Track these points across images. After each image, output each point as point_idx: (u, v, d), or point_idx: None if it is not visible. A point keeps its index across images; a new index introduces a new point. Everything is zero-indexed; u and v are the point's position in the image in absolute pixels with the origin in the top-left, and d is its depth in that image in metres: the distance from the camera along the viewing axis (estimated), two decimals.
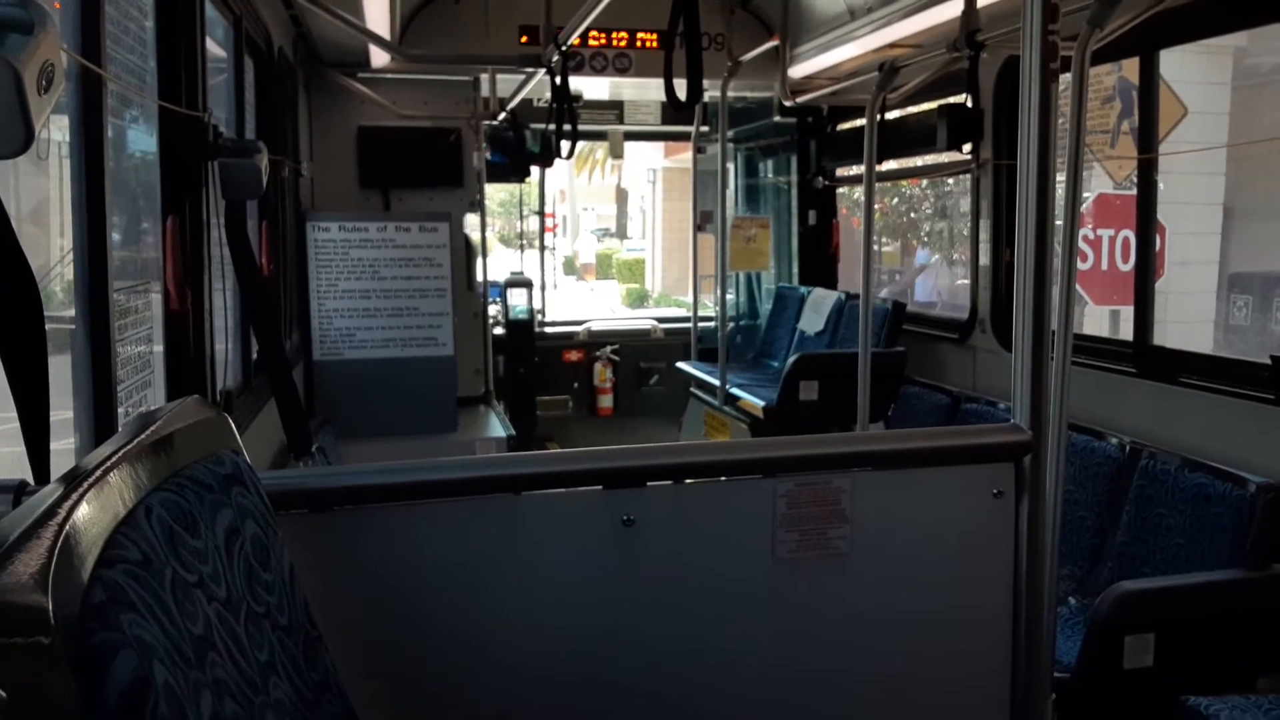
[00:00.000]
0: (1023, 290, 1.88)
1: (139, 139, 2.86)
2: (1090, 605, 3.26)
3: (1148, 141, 4.35)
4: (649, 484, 1.86)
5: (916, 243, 14.72)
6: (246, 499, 1.34)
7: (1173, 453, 3.68)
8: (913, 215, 14.74)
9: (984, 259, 5.38)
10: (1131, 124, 8.24)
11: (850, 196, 8.46)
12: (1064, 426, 2.94)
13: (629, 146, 8.59)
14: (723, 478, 1.92)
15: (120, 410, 2.15)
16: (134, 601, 0.93)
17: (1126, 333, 4.44)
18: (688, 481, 1.89)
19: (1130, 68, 8.03)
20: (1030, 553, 1.91)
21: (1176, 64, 8.20)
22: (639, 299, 21.89)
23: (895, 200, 14.40)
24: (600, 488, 1.84)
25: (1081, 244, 7.93)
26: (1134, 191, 4.51)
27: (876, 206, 5.06)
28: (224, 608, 1.14)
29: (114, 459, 1.06)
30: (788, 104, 6.30)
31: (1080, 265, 7.85)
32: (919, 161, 6.62)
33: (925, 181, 12.42)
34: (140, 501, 1.06)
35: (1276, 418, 3.45)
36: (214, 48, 3.33)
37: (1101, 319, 9.00)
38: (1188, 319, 8.97)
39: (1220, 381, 3.77)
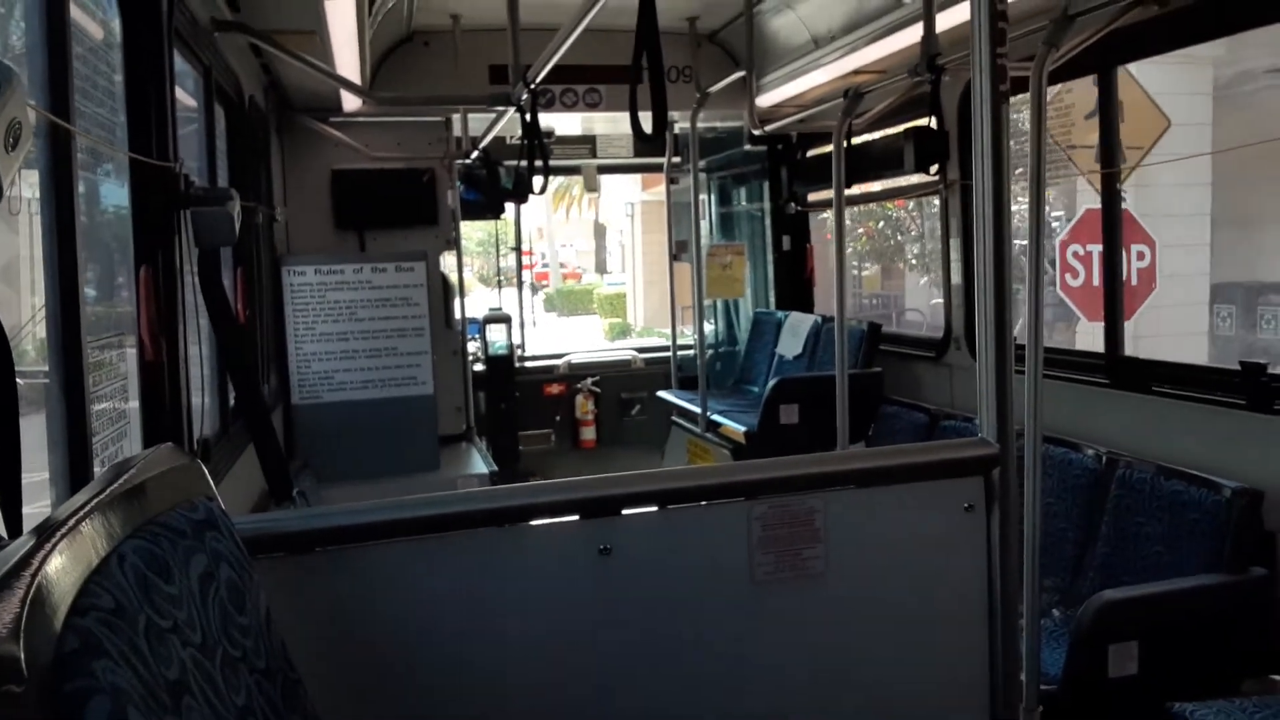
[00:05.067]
0: (984, 307, 1.92)
1: (111, 192, 2.88)
2: (1074, 616, 3.28)
3: (1110, 157, 4.43)
4: (624, 512, 1.87)
5: (903, 265, 14.72)
6: (220, 544, 1.34)
7: (1149, 461, 3.72)
8: (899, 238, 14.76)
9: (955, 277, 5.45)
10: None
11: (828, 223, 8.54)
12: (1039, 439, 2.98)
13: (606, 181, 8.64)
14: (698, 503, 1.93)
15: (96, 462, 2.15)
16: (107, 649, 0.94)
17: (1122, 350, 4.43)
18: (663, 508, 1.91)
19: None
20: (1002, 564, 1.94)
21: (1158, 76, 8.15)
22: (621, 333, 21.90)
23: (881, 224, 14.39)
24: (577, 518, 1.86)
25: (1072, 260, 7.80)
26: (1122, 206, 4.57)
27: (860, 230, 5.11)
28: (199, 652, 1.14)
29: (86, 509, 1.07)
30: (757, 133, 6.38)
31: (1071, 281, 7.74)
32: (889, 184, 6.71)
33: (912, 203, 12.47)
34: (113, 550, 1.07)
35: (1248, 422, 3.50)
36: (184, 97, 3.36)
37: (1095, 336, 8.93)
38: (1181, 331, 8.90)
39: (1192, 389, 3.82)
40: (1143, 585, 3.43)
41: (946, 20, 4.13)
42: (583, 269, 31.02)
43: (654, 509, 1.90)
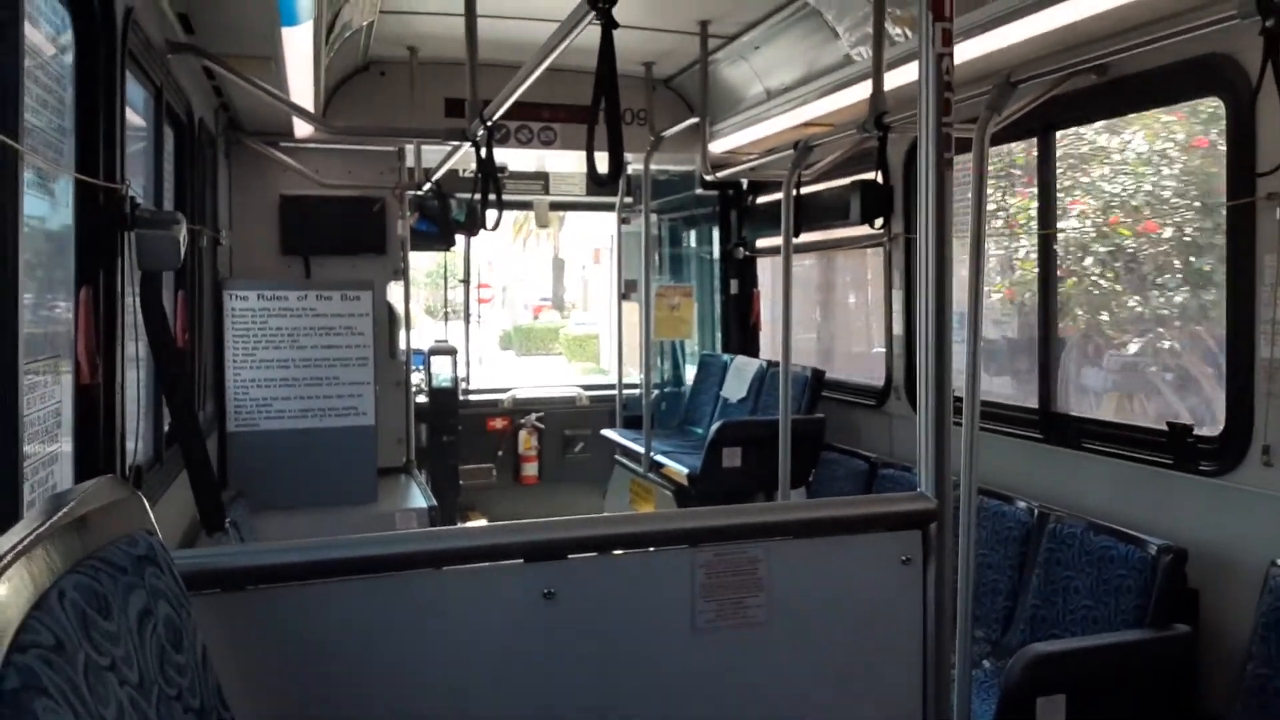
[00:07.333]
0: (925, 365, 1.97)
1: (33, 204, 2.80)
2: (1004, 668, 3.34)
3: (1047, 218, 4.58)
4: (570, 556, 1.87)
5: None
6: (159, 580, 1.32)
7: (1079, 516, 3.81)
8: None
9: (897, 328, 5.57)
10: None
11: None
12: (974, 492, 3.04)
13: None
14: (646, 549, 1.94)
15: (26, 485, 2.08)
16: (47, 687, 0.92)
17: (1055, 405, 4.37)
18: (608, 554, 1.92)
19: None
20: (937, 618, 1.98)
21: None
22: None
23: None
24: (521, 561, 1.85)
25: None
26: None
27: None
28: (136, 691, 1.12)
29: (26, 542, 1.05)
30: (708, 178, 6.48)
31: None
32: (836, 234, 6.84)
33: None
34: (54, 585, 1.05)
35: (1174, 481, 3.61)
36: (132, 116, 3.31)
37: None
38: None
39: (1120, 447, 3.94)
40: (1071, 639, 3.51)
41: (894, 79, 4.27)
42: (545, 300, 29.66)
43: (599, 554, 1.91)
